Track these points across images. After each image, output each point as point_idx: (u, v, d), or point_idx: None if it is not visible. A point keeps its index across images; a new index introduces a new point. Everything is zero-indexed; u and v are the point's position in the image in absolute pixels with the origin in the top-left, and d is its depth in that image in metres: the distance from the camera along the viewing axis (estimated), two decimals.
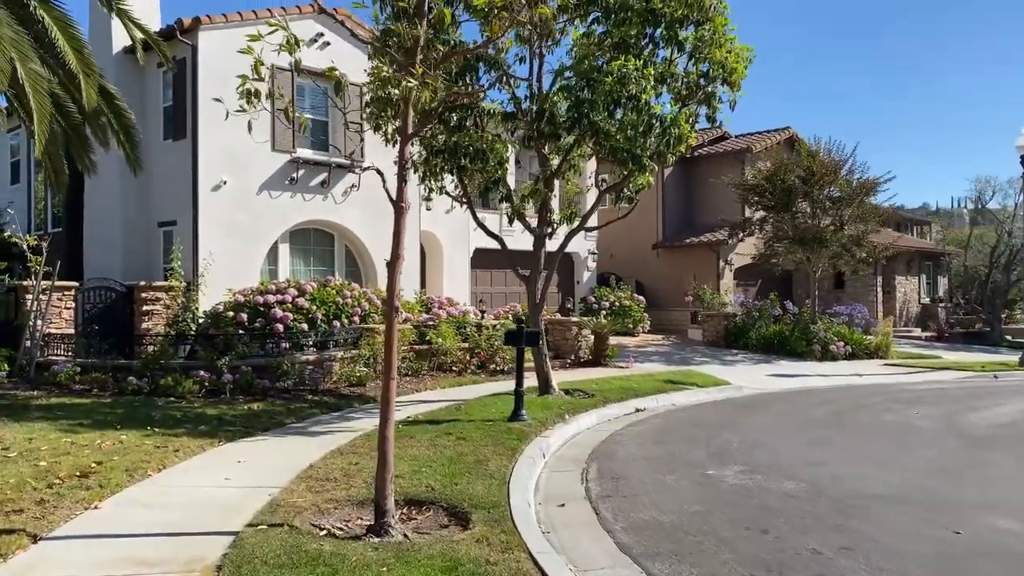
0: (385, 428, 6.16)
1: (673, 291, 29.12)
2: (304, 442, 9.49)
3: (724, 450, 9.75)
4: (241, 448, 9.10)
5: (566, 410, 12.04)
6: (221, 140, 16.96)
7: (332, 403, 12.47)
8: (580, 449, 10.00)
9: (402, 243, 6.38)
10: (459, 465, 8.07)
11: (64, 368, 13.13)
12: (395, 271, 6.36)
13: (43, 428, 9.50)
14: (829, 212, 22.78)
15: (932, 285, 35.84)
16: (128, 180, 17.59)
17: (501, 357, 17.45)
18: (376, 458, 8.16)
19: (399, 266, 6.39)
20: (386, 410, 6.20)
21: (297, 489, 7.08)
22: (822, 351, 21.83)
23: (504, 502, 6.76)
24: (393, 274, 6.36)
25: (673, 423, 12.04)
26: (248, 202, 17.44)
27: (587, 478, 8.34)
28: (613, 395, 13.83)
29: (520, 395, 10.99)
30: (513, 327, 17.88)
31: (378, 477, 6.12)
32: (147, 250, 17.92)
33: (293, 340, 14.86)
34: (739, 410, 13.45)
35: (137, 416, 10.60)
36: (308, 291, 16.14)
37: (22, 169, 23.21)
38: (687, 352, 22.92)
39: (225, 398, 12.53)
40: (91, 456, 8.10)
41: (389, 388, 6.24)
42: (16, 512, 6.14)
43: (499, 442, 9.35)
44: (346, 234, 19.62)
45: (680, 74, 12.42)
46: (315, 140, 18.91)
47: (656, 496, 7.49)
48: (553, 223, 14.10)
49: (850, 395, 15.32)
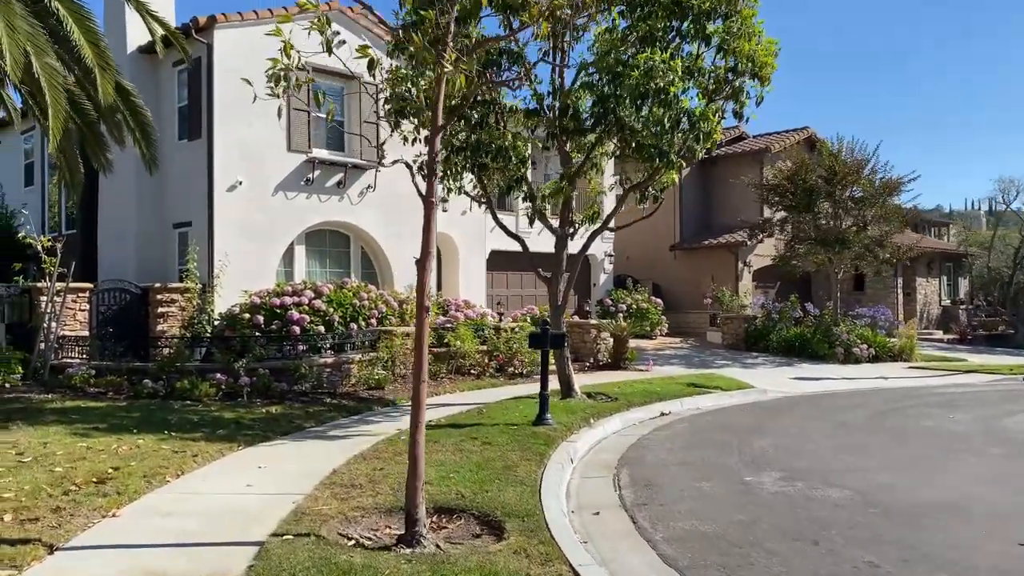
0: (416, 433, 5.87)
1: (691, 293, 28.76)
2: (325, 446, 9.23)
3: (758, 456, 9.42)
4: (261, 453, 8.84)
5: (590, 414, 11.74)
6: (237, 140, 16.76)
7: (351, 406, 12.20)
8: (608, 454, 9.69)
9: (432, 240, 6.10)
10: (488, 471, 7.78)
11: (79, 371, 12.92)
12: (425, 269, 6.09)
13: (58, 432, 9.26)
14: (851, 212, 22.38)
15: (953, 287, 35.33)
16: (143, 181, 17.42)
17: (519, 360, 17.16)
18: (403, 464, 7.93)
19: (429, 264, 6.10)
20: (417, 414, 5.92)
21: (322, 496, 6.80)
22: (845, 354, 21.43)
23: (538, 510, 6.46)
24: (423, 272, 6.09)
25: (700, 427, 11.71)
26: (264, 203, 17.22)
27: (619, 484, 8.03)
28: (636, 399, 13.52)
29: (545, 399, 10.70)
30: (532, 329, 17.66)
31: (408, 484, 5.83)
32: (162, 251, 17.73)
33: (310, 343, 14.62)
34: (766, 414, 13.10)
35: (153, 420, 10.36)
36: (325, 293, 15.92)
37: (36, 171, 23.08)
38: (707, 355, 22.56)
39: (242, 401, 12.28)
40: (108, 461, 7.85)
41: (419, 391, 5.96)
42: (31, 521, 5.89)
43: (526, 447, 9.05)
44: (362, 235, 19.38)
45: (707, 69, 12.10)
46: (331, 140, 18.68)
47: (694, 504, 7.17)
48: (575, 223, 13.80)
49: (879, 399, 14.93)
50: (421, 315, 6.03)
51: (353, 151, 18.80)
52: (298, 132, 17.70)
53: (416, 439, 5.87)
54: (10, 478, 7.06)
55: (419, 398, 5.94)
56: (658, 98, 10.64)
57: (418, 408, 5.93)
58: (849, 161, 22.31)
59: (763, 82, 12.01)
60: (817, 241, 22.24)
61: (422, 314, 6.02)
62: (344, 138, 18.85)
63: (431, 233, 6.07)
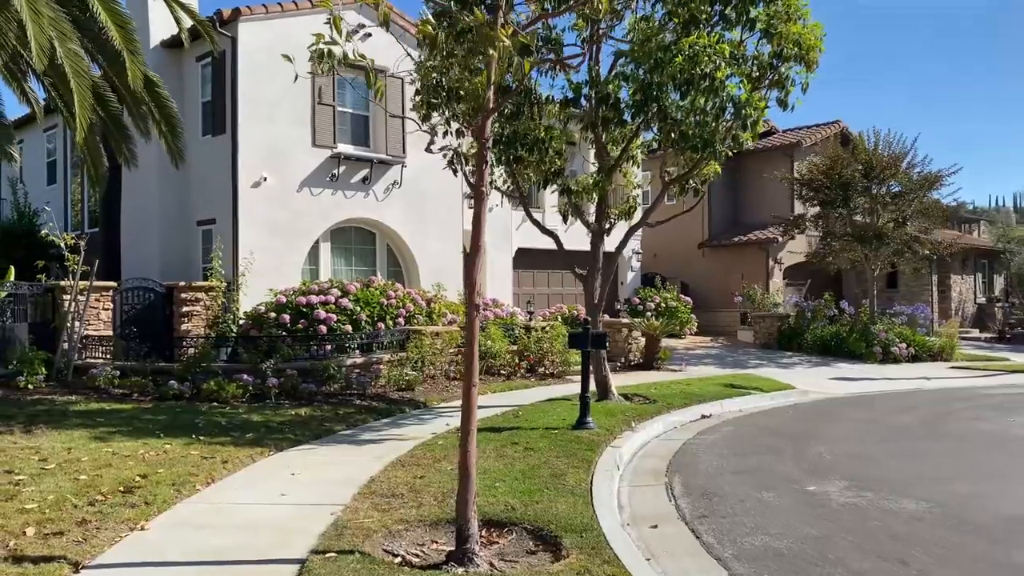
0: (467, 442, 5.42)
1: (720, 291, 28.16)
2: (358, 452, 8.80)
3: (816, 462, 8.90)
4: (292, 458, 8.43)
5: (631, 417, 11.25)
6: (261, 135, 16.42)
7: (382, 408, 11.78)
8: (656, 460, 9.20)
9: (482, 233, 5.64)
10: (534, 480, 7.31)
11: (103, 372, 12.59)
12: (475, 264, 5.62)
13: (82, 436, 8.90)
14: (889, 208, 21.71)
15: (988, 284, 34.46)
16: (166, 178, 17.12)
17: (551, 360, 16.71)
18: (444, 472, 7.49)
19: (479, 259, 5.65)
20: (468, 421, 5.47)
21: (362, 507, 6.37)
22: (883, 353, 20.80)
23: (594, 524, 5.99)
24: (472, 267, 5.63)
25: (747, 431, 11.19)
26: (288, 199, 16.86)
27: (673, 494, 7.55)
28: (675, 401, 13.02)
29: (586, 402, 10.22)
30: (567, 329, 17.25)
31: (459, 498, 5.38)
32: (185, 249, 17.42)
33: (337, 342, 14.23)
34: (813, 417, 12.56)
35: (180, 423, 9.99)
36: (352, 291, 15.52)
37: (58, 169, 22.88)
38: (739, 355, 22.00)
39: (270, 403, 11.90)
40: (134, 468, 7.46)
41: (471, 397, 5.51)
42: (56, 535, 5.49)
43: (570, 453, 8.59)
44: (388, 232, 18.99)
45: (750, 55, 11.57)
46: (356, 135, 18.29)
47: (759, 517, 6.67)
48: (611, 219, 13.32)
49: (927, 401, 14.34)
50: (471, 313, 5.57)
51: (378, 146, 18.41)
52: (323, 127, 17.33)
53: (467, 448, 5.42)
54: (33, 487, 6.69)
55: (470, 404, 5.50)
56: (703, 85, 10.12)
57: (469, 415, 5.48)
58: (886, 154, 21.63)
59: (809, 67, 11.47)
60: (854, 237, 21.59)
61: (472, 312, 5.56)
62: (369, 133, 18.47)
63: (482, 226, 5.61)
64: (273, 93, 16.56)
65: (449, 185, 19.61)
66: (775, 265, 27.60)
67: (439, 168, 19.34)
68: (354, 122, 18.26)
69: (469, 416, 5.47)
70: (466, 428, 5.46)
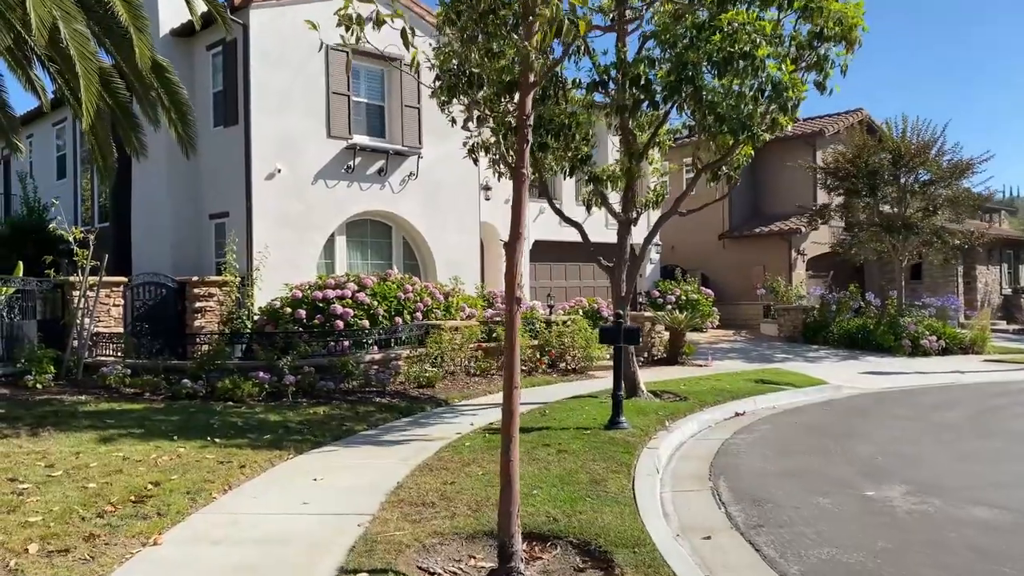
0: (510, 449, 4.93)
1: (741, 283, 27.57)
2: (382, 454, 8.33)
3: (868, 464, 8.37)
4: (313, 462, 7.96)
5: (664, 416, 10.74)
6: (274, 126, 15.96)
7: (403, 407, 11.31)
8: (696, 462, 8.69)
9: (523, 218, 5.14)
10: (574, 486, 6.82)
11: (113, 370, 12.16)
12: (515, 252, 5.13)
13: (91, 439, 8.46)
14: (918, 196, 21.06)
15: (1014, 274, 33.71)
16: (177, 170, 16.69)
17: (572, 355, 16.20)
18: (475, 477, 6.99)
19: (520, 246, 5.15)
20: (510, 425, 4.97)
21: (391, 518, 5.88)
22: (912, 346, 20.16)
23: (646, 537, 5.48)
24: (513, 256, 5.13)
25: (786, 430, 10.66)
26: (303, 192, 16.40)
27: (721, 500, 7.04)
28: (707, 398, 12.49)
29: (619, 401, 9.71)
30: (585, 323, 16.73)
31: (501, 510, 4.89)
32: (198, 243, 16.99)
33: (354, 338, 13.76)
34: (852, 414, 12.02)
35: (194, 424, 9.54)
36: (368, 286, 15.05)
37: (68, 164, 22.51)
38: (764, 348, 21.42)
39: (287, 402, 11.45)
40: (146, 475, 7.01)
41: (513, 398, 5.01)
42: (61, 552, 5.03)
43: (607, 455, 8.09)
44: (404, 225, 18.50)
45: (787, 35, 10.99)
46: (372, 126, 17.80)
47: (820, 526, 6.16)
48: (638, 208, 12.79)
49: (967, 396, 13.75)
50: (512, 308, 5.07)
51: (394, 137, 17.92)
52: (338, 117, 16.85)
53: (510, 456, 4.92)
54: (38, 497, 6.24)
55: (512, 407, 5.00)
56: (742, 64, 9.57)
57: (511, 419, 4.98)
58: (915, 142, 20.97)
59: (850, 47, 10.86)
60: (882, 227, 20.96)
61: (513, 306, 5.06)
62: (385, 124, 17.98)
63: (522, 210, 5.10)
64: (286, 82, 16.09)
65: (466, 176, 19.12)
66: (798, 256, 26.98)
67: (456, 159, 18.90)
68: (369, 112, 17.77)
69: (511, 420, 4.98)
70: (508, 433, 4.96)
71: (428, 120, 18.09)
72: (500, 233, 21.20)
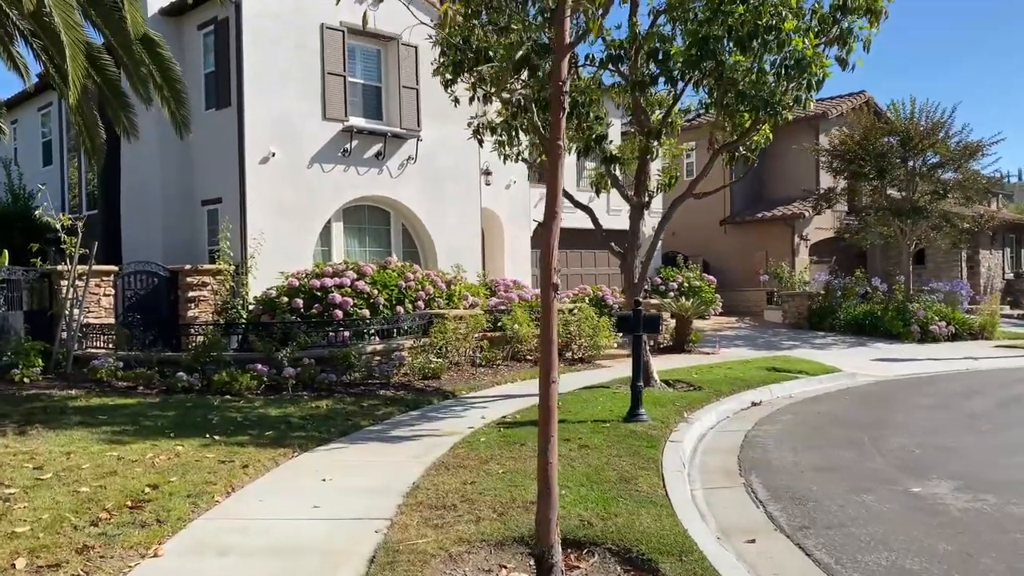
0: (548, 450, 4.46)
1: (743, 270, 27.17)
2: (393, 451, 7.86)
3: (905, 457, 7.96)
4: (320, 460, 7.49)
5: (681, 406, 10.31)
6: (268, 108, 15.38)
7: (408, 400, 10.85)
8: (722, 456, 8.26)
9: (558, 196, 4.66)
10: (603, 485, 6.37)
11: (105, 363, 11.64)
12: (552, 234, 4.66)
13: (83, 438, 7.96)
14: (926, 179, 20.65)
15: (1016, 259, 33.42)
16: (168, 155, 16.12)
17: (578, 344, 15.76)
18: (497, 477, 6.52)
19: (556, 225, 4.67)
20: (548, 425, 4.51)
21: (411, 523, 5.42)
22: (921, 332, 19.79)
23: (691, 544, 5.04)
24: (550, 237, 4.66)
25: (809, 420, 10.25)
26: (299, 177, 15.85)
27: (758, 498, 6.60)
28: (721, 387, 12.08)
29: (638, 392, 9.26)
30: (591, 311, 16.26)
31: (540, 517, 4.44)
32: (190, 231, 16.42)
33: (355, 328, 13.26)
34: (873, 403, 11.63)
35: (191, 420, 9.05)
36: (368, 274, 14.53)
37: (54, 150, 21.84)
38: (770, 335, 21.03)
39: (287, 395, 10.96)
40: (143, 476, 6.52)
41: (550, 395, 4.55)
42: (51, 568, 4.55)
43: (631, 450, 7.65)
44: (403, 211, 17.97)
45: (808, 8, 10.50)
46: (368, 108, 17.24)
47: (871, 527, 5.73)
48: (650, 191, 12.32)
49: (988, 383, 13.38)
50: (548, 294, 4.60)
51: (392, 119, 17.37)
52: (334, 98, 16.28)
53: (548, 459, 4.46)
54: (26, 503, 5.74)
55: (550, 405, 4.54)
56: (768, 38, 9.08)
57: (549, 417, 4.52)
58: (924, 123, 20.53)
59: (875, 19, 10.38)
60: (890, 211, 20.54)
61: (549, 292, 4.59)
62: (382, 105, 17.41)
63: (558, 187, 4.63)
64: (280, 63, 15.50)
65: (467, 160, 18.60)
66: (801, 242, 26.57)
67: (456, 142, 18.39)
68: (366, 94, 17.20)
69: (549, 418, 4.52)
70: (546, 433, 4.49)
71: (427, 102, 17.53)
72: (501, 219, 20.71)
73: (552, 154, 4.62)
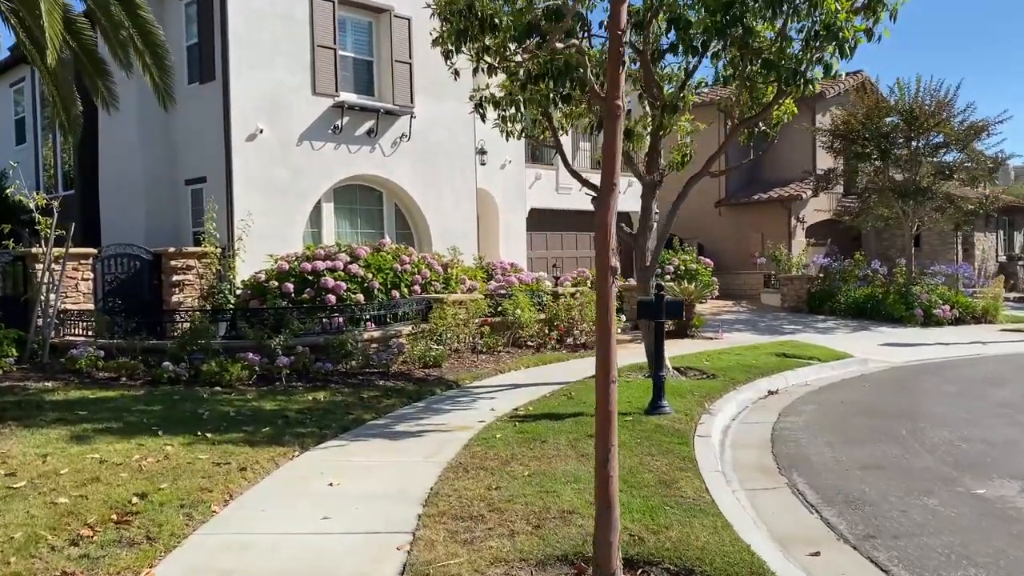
0: (608, 463, 3.86)
1: (738, 252, 26.69)
2: (402, 449, 7.23)
3: (953, 453, 7.43)
4: (323, 460, 6.85)
5: (701, 396, 9.76)
6: (255, 82, 14.58)
7: (410, 390, 10.20)
8: (754, 452, 7.71)
9: (616, 167, 4.01)
10: (644, 490, 5.77)
11: (84, 352, 10.89)
12: (608, 209, 4.01)
13: (61, 437, 7.25)
14: (932, 159, 20.17)
15: (1009, 241, 33.20)
16: (149, 131, 15.29)
17: (579, 330, 15.17)
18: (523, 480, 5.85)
19: (613, 200, 4.03)
20: (607, 433, 3.89)
21: (437, 538, 4.80)
22: (924, 316, 19.39)
23: (760, 563, 4.45)
24: (606, 214, 4.02)
25: (834, 410, 9.72)
26: (287, 155, 15.07)
27: (808, 502, 6.04)
28: (735, 375, 11.55)
29: (660, 382, 8.68)
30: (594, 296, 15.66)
31: (599, 538, 3.84)
32: (173, 212, 15.61)
33: (350, 314, 12.57)
34: (894, 390, 11.16)
35: (180, 415, 8.36)
36: (362, 256, 13.81)
37: (28, 127, 20.82)
38: (770, 319, 20.56)
39: (280, 386, 10.28)
40: (129, 483, 5.84)
41: (609, 398, 3.93)
42: None
43: (662, 448, 7.06)
44: (396, 192, 17.23)
45: None
46: (359, 82, 16.45)
47: (947, 537, 5.18)
48: (662, 169, 11.70)
49: (1006, 369, 12.96)
50: (606, 280, 3.96)
51: (384, 95, 16.60)
52: (324, 72, 15.48)
53: (609, 472, 3.86)
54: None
55: (610, 408, 3.92)
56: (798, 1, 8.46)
57: (608, 424, 3.90)
58: (929, 102, 20.00)
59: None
60: (894, 192, 20.06)
61: (607, 279, 3.96)
62: (374, 80, 16.63)
63: (616, 153, 3.98)
64: (268, 34, 14.67)
65: (461, 138, 17.90)
66: (798, 224, 26.11)
67: (450, 120, 17.67)
68: (357, 68, 16.41)
69: (609, 426, 3.90)
70: (605, 441, 3.88)
71: (420, 77, 16.78)
72: (496, 200, 20.01)
73: (611, 114, 3.97)
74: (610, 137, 3.96)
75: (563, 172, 22.86)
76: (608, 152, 3.99)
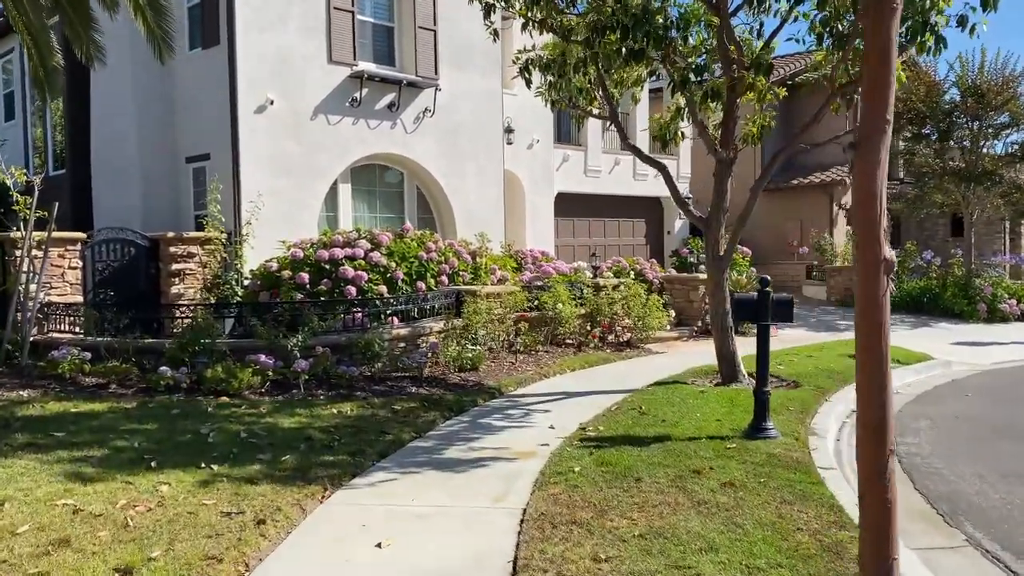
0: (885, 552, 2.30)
1: (776, 241, 25.07)
2: (461, 486, 5.69)
3: None
4: (363, 503, 5.33)
5: (795, 411, 8.24)
6: (265, 47, 12.99)
7: (449, 400, 8.66)
8: None
9: (889, 104, 2.44)
10: (808, 564, 4.23)
11: (68, 353, 9.35)
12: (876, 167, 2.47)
13: (29, 470, 5.72)
14: (999, 140, 18.57)
15: None
16: (146, 102, 13.72)
17: (622, 326, 13.65)
18: (636, 544, 4.19)
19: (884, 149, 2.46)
20: (887, 544, 2.34)
21: None
22: (988, 311, 17.83)
23: None
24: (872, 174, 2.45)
25: (955, 429, 8.21)
26: (301, 129, 13.48)
27: (1012, 570, 4.52)
28: (819, 381, 10.03)
29: (764, 400, 7.10)
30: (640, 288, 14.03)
31: None
32: (173, 192, 14.05)
33: (374, 308, 11.02)
34: (1009, 401, 9.64)
35: (180, 436, 6.83)
36: (384, 243, 12.23)
37: (16, 103, 19.27)
38: (820, 314, 19.03)
39: (299, 395, 8.76)
40: (109, 548, 4.32)
41: (884, 451, 2.38)
42: None
43: (796, 491, 5.51)
44: (418, 172, 15.65)
45: None
46: (379, 51, 14.86)
47: None
48: (736, 143, 10.15)
49: None
50: (876, 279, 2.41)
51: (406, 66, 15.00)
52: (341, 38, 13.88)
53: None
54: None
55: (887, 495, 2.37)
56: None
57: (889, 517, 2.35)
58: (996, 79, 18.35)
59: None
60: (956, 176, 18.45)
61: (879, 278, 2.40)
62: (395, 48, 15.03)
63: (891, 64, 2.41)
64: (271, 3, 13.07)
65: (489, 115, 16.33)
66: (839, 211, 24.48)
67: (477, 93, 16.08)
68: (376, 34, 14.80)
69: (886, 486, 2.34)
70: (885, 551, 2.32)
71: (445, 46, 15.20)
72: (523, 184, 18.44)
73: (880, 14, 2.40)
74: (883, 38, 2.39)
75: (592, 153, 21.33)
76: (878, 63, 2.42)
